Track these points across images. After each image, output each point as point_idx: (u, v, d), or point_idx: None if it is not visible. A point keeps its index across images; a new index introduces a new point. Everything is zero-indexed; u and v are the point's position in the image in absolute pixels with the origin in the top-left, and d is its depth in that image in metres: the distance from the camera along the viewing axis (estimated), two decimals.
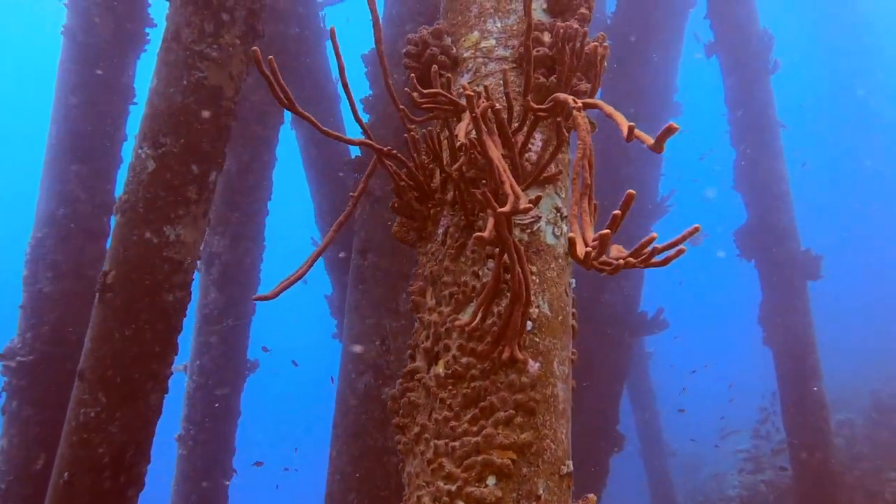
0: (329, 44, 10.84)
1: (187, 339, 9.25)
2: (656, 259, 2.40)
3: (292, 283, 2.93)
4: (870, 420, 18.08)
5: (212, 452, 9.10)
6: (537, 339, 2.84)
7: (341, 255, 9.01)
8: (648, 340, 20.72)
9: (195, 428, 9.11)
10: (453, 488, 2.64)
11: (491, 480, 2.62)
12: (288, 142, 10.33)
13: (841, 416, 19.12)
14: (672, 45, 13.92)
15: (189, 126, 5.35)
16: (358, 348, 7.08)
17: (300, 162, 10.16)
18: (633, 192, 2.23)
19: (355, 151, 8.77)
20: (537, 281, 2.92)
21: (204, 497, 9.00)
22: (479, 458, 2.64)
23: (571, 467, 2.85)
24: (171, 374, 5.75)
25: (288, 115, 9.41)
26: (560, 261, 3.07)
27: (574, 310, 3.19)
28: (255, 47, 2.79)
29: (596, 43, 3.11)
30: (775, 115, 12.71)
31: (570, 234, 2.31)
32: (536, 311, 2.86)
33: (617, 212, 2.29)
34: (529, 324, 2.83)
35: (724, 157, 13.67)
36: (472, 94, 2.65)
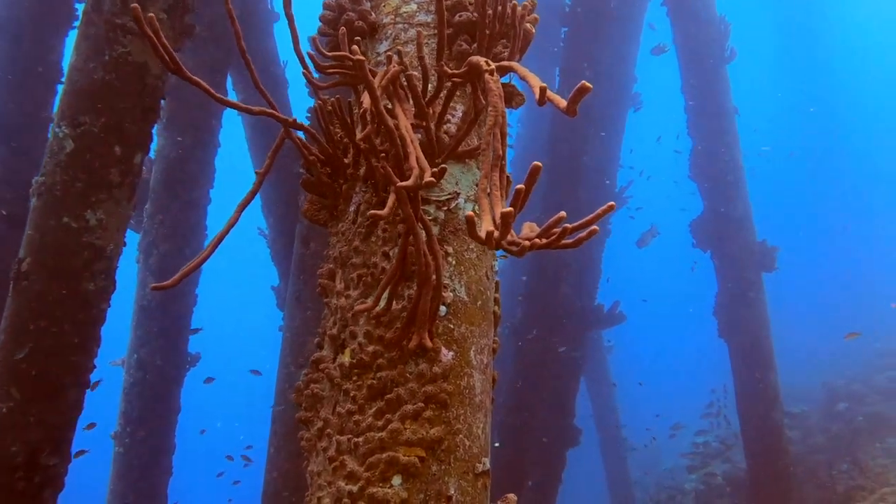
0: (277, 27, 10.53)
1: (125, 332, 8.90)
2: (567, 240, 2.19)
3: (192, 271, 2.67)
4: (823, 412, 18.24)
5: (150, 450, 8.75)
6: (452, 326, 2.61)
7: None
8: (607, 334, 20.74)
9: (132, 425, 8.76)
10: (355, 489, 2.40)
11: (396, 480, 2.39)
12: (232, 128, 10.01)
13: (796, 408, 19.28)
14: (631, 35, 13.83)
15: (111, 104, 5.04)
16: (314, 342, 6.80)
17: (246, 149, 9.84)
18: (540, 164, 2.01)
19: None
20: (454, 263, 2.69)
21: (141, 497, 8.66)
22: (384, 455, 2.41)
23: (488, 465, 2.63)
24: (95, 367, 5.43)
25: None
26: (493, 249, 2.84)
27: (497, 295, 2.97)
28: (135, 4, 2.51)
29: (520, 6, 2.89)
30: (731, 103, 12.66)
31: (469, 213, 2.08)
32: (451, 295, 2.64)
33: (521, 186, 2.07)
34: (443, 309, 2.60)
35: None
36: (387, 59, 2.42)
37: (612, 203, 2.11)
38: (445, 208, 2.76)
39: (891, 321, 21.03)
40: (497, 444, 12.84)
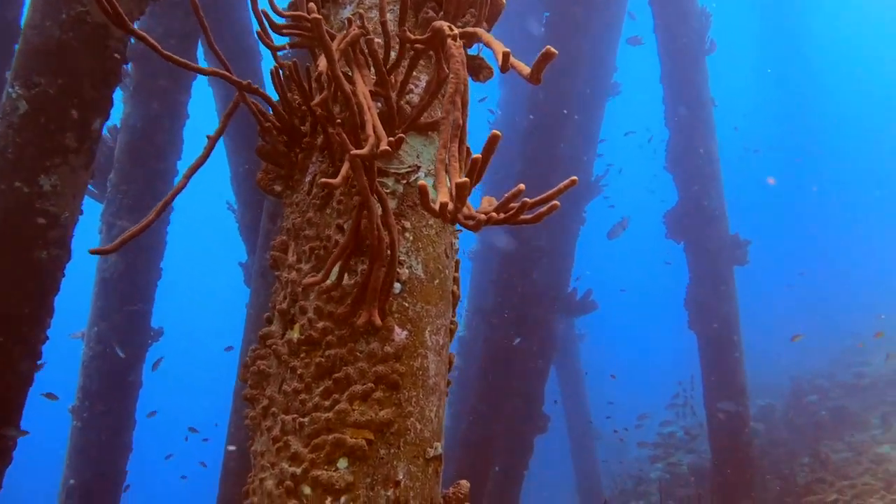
0: None
1: (85, 304, 8.68)
2: (526, 215, 2.09)
3: (133, 237, 2.54)
4: (789, 406, 18.44)
5: (109, 426, 8.56)
6: (407, 305, 2.50)
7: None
8: (579, 323, 20.77)
9: (91, 399, 8.56)
10: (298, 471, 2.29)
11: (342, 463, 2.29)
12: (203, 100, 9.75)
13: (762, 401, 19.48)
14: (611, 24, 13.74)
15: (68, 66, 4.84)
16: (264, 317, 6.67)
17: (217, 121, 9.56)
18: (499, 133, 1.91)
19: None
20: (411, 238, 2.58)
21: (100, 473, 8.48)
22: (330, 437, 2.30)
23: (441, 450, 2.53)
24: (47, 339, 5.27)
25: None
26: (448, 222, 2.73)
27: (457, 274, 2.86)
28: None
29: None
30: (709, 95, 12.63)
31: (421, 182, 1.97)
32: (407, 272, 2.52)
33: (477, 156, 1.96)
34: (398, 286, 2.49)
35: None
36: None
37: (574, 178, 2.02)
38: (405, 182, 2.65)
39: (858, 318, 21.29)
40: (464, 427, 12.81)
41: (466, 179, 1.88)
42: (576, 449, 21.55)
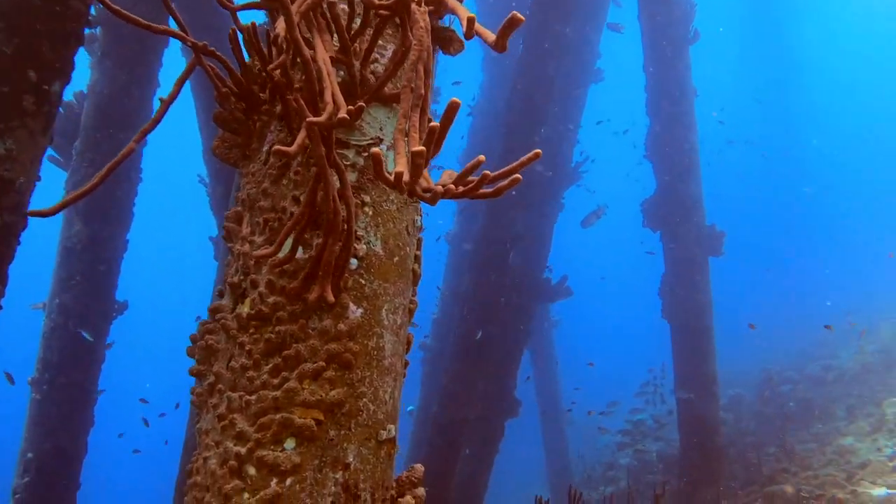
0: None
1: (47, 273, 8.48)
2: (486, 189, 2.00)
3: (75, 201, 2.41)
4: (758, 396, 18.63)
5: (69, 399, 8.38)
6: (363, 281, 2.41)
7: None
8: (554, 309, 20.80)
9: (51, 371, 8.37)
10: (243, 450, 2.20)
11: (289, 443, 2.20)
12: (175, 68, 9.49)
13: (733, 391, 19.67)
14: (596, 10, 13.63)
15: (26, 25, 4.66)
16: (215, 290, 6.52)
17: (189, 90, 9.37)
18: (458, 101, 1.81)
19: None
20: (370, 213, 2.48)
21: (58, 447, 8.31)
22: (278, 416, 2.21)
23: (394, 432, 2.45)
24: (0, 308, 5.12)
25: (176, 42, 8.54)
26: (404, 194, 2.63)
27: (419, 252, 2.77)
28: None
29: None
30: (691, 85, 12.58)
31: (375, 150, 1.87)
32: (365, 248, 2.43)
33: (435, 124, 1.86)
34: (354, 262, 2.39)
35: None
36: None
37: (537, 151, 1.93)
38: (366, 154, 2.54)
39: (827, 312, 21.52)
40: (436, 410, 12.77)
41: (422, 148, 1.79)
42: (547, 434, 21.64)
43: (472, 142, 17.29)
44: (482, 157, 1.83)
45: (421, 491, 2.55)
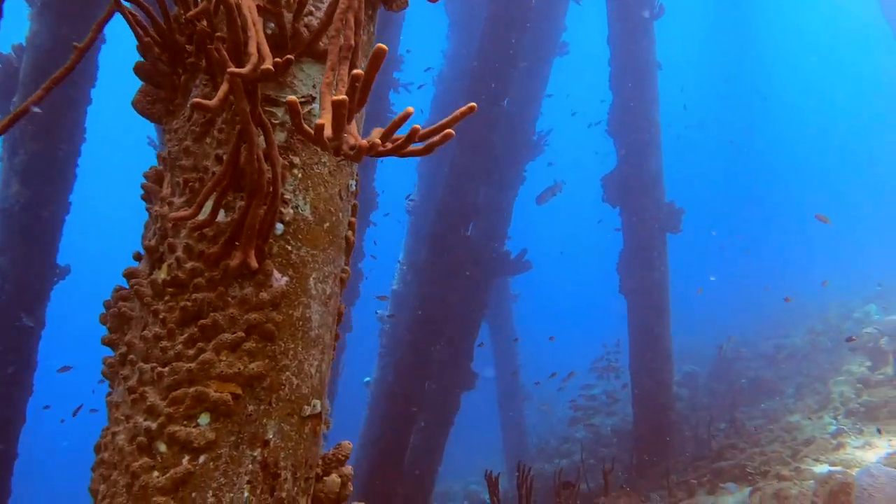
0: None
1: None
2: (415, 146, 1.86)
3: None
4: (712, 373, 18.91)
5: (6, 365, 8.06)
6: (290, 248, 2.26)
7: None
8: (513, 283, 20.80)
9: None
10: (154, 426, 2.06)
11: (204, 419, 2.06)
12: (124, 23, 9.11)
13: (688, 367, 19.94)
14: None
15: None
16: (132, 254, 6.26)
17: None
18: (385, 47, 1.66)
19: None
20: (299, 176, 2.33)
21: None
22: (192, 389, 2.06)
23: (320, 408, 2.32)
24: None
25: None
26: (327, 149, 2.48)
27: (353, 219, 2.62)
28: None
29: None
30: (655, 60, 12.49)
31: (291, 97, 1.72)
32: (292, 212, 2.28)
33: (359, 71, 1.71)
34: (280, 227, 2.25)
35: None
36: None
37: (472, 104, 1.80)
38: (305, 119, 2.38)
39: (782, 292, 21.84)
40: (392, 381, 12.69)
41: (344, 97, 1.64)
42: (504, 407, 21.72)
43: (435, 113, 17.06)
44: (410, 109, 1.70)
45: (348, 469, 2.44)
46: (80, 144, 8.24)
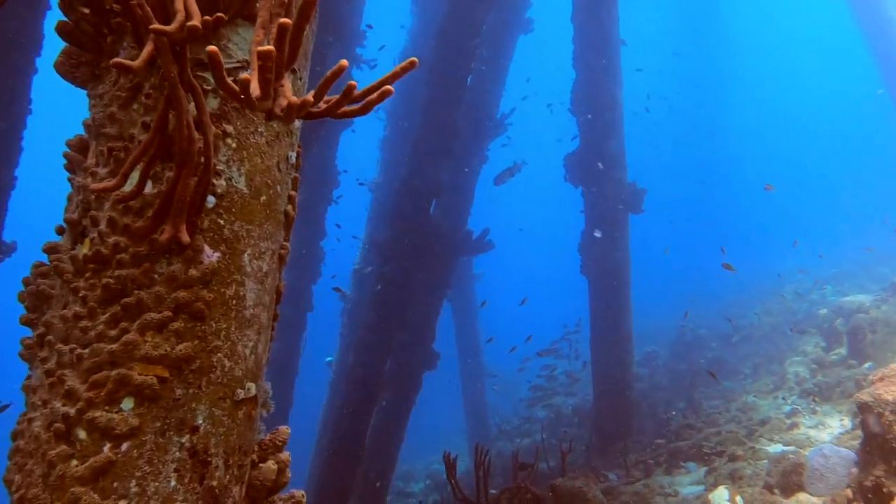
0: None
1: None
2: (349, 108, 1.74)
3: None
4: (672, 353, 19.09)
5: None
6: (222, 222, 2.13)
7: None
8: (476, 263, 20.77)
9: None
10: (72, 411, 1.92)
11: (127, 404, 1.93)
12: None
13: (649, 348, 20.11)
14: None
15: None
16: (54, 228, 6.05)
17: None
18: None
19: None
20: (233, 146, 2.19)
21: None
22: (114, 372, 1.93)
23: (255, 391, 2.20)
24: None
25: None
26: (276, 126, 2.34)
27: (293, 192, 2.49)
28: None
29: None
30: (618, 38, 12.38)
31: (212, 47, 1.59)
32: (225, 184, 2.14)
33: (286, 20, 1.59)
34: (212, 200, 2.11)
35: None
36: None
37: (413, 59, 1.68)
38: (231, 79, 2.23)
39: (742, 274, 22.09)
40: (352, 361, 12.56)
41: (270, 48, 1.52)
42: (466, 387, 21.74)
43: (398, 92, 16.82)
44: (344, 62, 1.57)
45: (285, 455, 2.33)
46: (25, 116, 7.92)
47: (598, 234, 11.64)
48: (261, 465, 2.26)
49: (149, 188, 2.07)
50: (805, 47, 61.03)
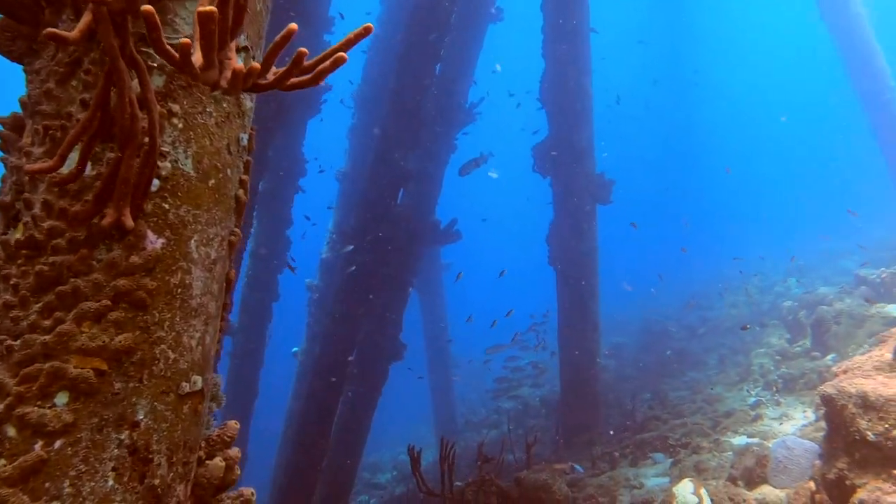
0: None
1: None
2: (299, 78, 1.64)
3: None
4: (639, 344, 19.21)
5: None
6: (167, 206, 2.01)
7: None
8: (445, 253, 20.69)
9: None
10: (1, 407, 1.80)
11: (61, 398, 1.82)
12: None
13: (616, 338, 20.24)
14: None
15: None
16: None
17: None
18: None
19: None
20: (180, 126, 2.07)
21: None
22: (47, 365, 1.81)
23: (202, 384, 2.10)
24: None
25: None
26: (226, 105, 2.23)
27: (245, 176, 2.38)
28: None
29: None
30: (588, 27, 12.30)
31: (147, 7, 1.48)
32: (170, 166, 2.02)
33: None
34: (156, 183, 1.99)
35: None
36: None
37: (368, 25, 1.59)
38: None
39: (710, 265, 22.32)
40: (318, 351, 12.42)
41: (211, 9, 1.41)
42: (434, 377, 21.69)
43: (367, 82, 16.66)
44: (294, 26, 1.47)
45: (234, 451, 2.22)
46: None
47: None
48: (207, 462, 2.16)
49: (88, 170, 1.94)
50: (770, 36, 61.67)
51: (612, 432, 11.81)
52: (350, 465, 12.94)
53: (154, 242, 1.96)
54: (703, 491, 4.82)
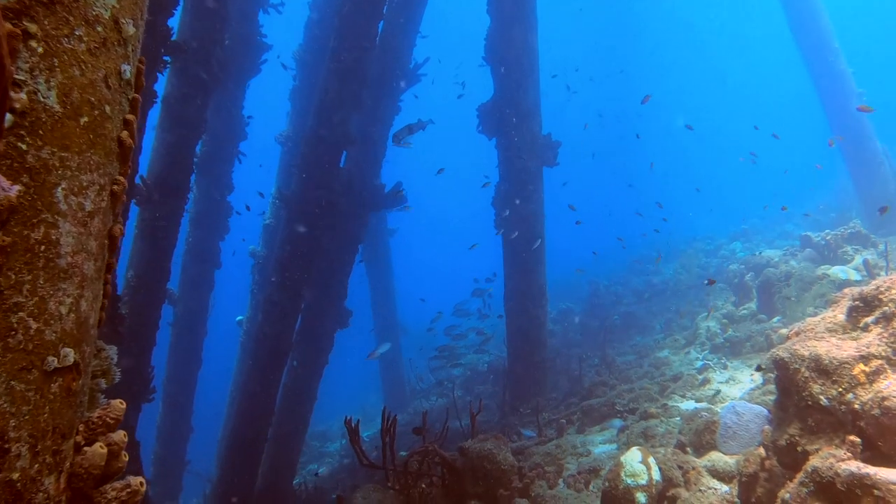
0: None
1: None
2: None
3: None
4: (585, 309, 19.20)
5: None
6: (24, 147, 1.67)
7: None
8: (391, 218, 20.34)
9: None
10: None
11: None
12: None
13: (563, 304, 20.21)
14: None
15: None
16: None
17: None
18: None
19: None
20: (40, 50, 1.72)
21: None
22: None
23: (75, 358, 1.78)
24: None
25: None
26: (102, 30, 1.88)
27: (131, 117, 2.03)
28: None
29: None
30: None
31: None
32: (26, 98, 1.68)
33: None
34: (9, 118, 1.65)
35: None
36: None
37: None
38: None
39: (660, 233, 22.41)
40: (261, 319, 12.03)
41: None
42: (382, 344, 21.40)
43: (310, 39, 16.03)
44: None
45: (118, 436, 1.91)
46: None
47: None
48: (86, 448, 1.85)
49: None
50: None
51: (559, 398, 11.74)
52: (297, 434, 12.67)
53: (8, 190, 1.62)
54: (650, 460, 4.67)
